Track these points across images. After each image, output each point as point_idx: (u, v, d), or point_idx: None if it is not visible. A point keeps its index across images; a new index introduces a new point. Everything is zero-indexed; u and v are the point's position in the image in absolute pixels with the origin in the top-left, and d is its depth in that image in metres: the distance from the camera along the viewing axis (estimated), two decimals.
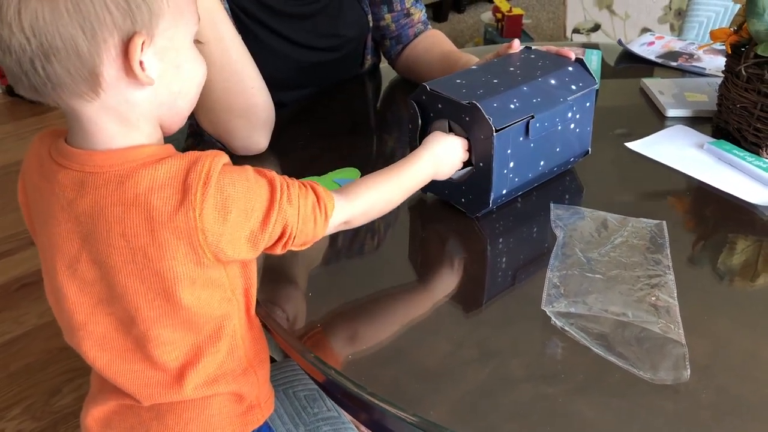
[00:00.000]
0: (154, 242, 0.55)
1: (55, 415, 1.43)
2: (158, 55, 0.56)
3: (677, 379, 0.58)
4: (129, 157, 0.56)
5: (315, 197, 0.63)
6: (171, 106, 0.59)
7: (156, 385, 0.63)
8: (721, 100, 0.99)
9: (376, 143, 1.06)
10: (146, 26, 0.54)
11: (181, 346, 0.62)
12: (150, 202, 0.54)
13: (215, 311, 0.62)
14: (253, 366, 0.68)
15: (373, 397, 0.59)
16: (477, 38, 3.24)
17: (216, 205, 0.55)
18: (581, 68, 0.86)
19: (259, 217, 0.58)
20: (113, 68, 0.54)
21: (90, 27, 0.51)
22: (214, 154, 0.56)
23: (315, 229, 0.63)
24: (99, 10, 0.51)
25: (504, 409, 0.57)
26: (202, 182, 0.54)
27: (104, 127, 0.56)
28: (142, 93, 0.56)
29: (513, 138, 0.77)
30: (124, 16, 0.52)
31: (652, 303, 0.66)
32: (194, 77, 0.60)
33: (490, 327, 0.67)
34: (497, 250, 0.79)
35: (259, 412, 0.69)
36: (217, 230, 0.56)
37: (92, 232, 0.57)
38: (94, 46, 0.52)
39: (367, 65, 1.21)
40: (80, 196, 0.57)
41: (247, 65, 0.91)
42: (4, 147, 2.48)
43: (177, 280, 0.57)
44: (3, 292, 1.76)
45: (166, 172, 0.55)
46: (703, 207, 0.86)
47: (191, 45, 0.60)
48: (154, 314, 0.59)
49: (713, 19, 1.52)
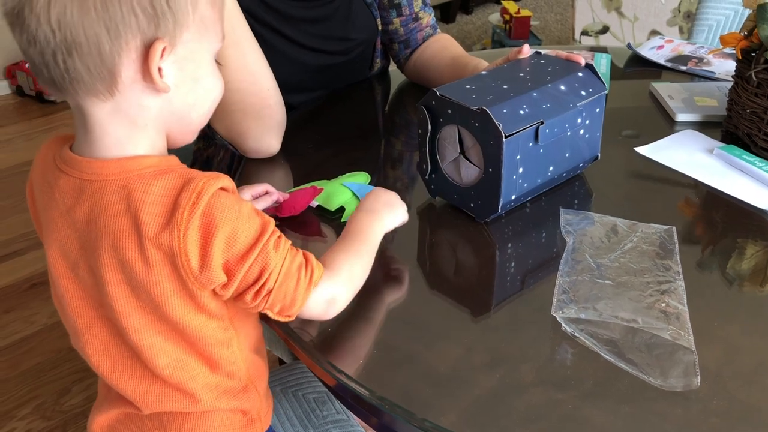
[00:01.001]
0: (141, 257, 0.55)
1: (65, 414, 1.44)
2: (178, 64, 0.57)
3: (687, 386, 0.59)
4: (127, 167, 0.56)
5: (304, 260, 0.60)
6: (183, 116, 0.59)
7: (156, 393, 0.63)
8: (731, 105, 0.99)
9: (384, 147, 1.06)
10: (169, 34, 0.55)
11: (178, 360, 0.61)
12: (139, 216, 0.54)
13: (210, 338, 0.61)
14: (253, 382, 0.67)
15: (383, 402, 0.59)
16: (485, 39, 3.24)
17: (201, 227, 0.54)
18: (591, 74, 0.86)
19: (239, 251, 0.56)
20: (131, 70, 0.54)
21: (115, 27, 0.52)
22: (211, 175, 0.55)
23: (296, 291, 0.59)
24: (126, 13, 0.52)
25: (514, 414, 0.57)
26: (191, 203, 0.54)
27: (111, 131, 0.56)
28: (156, 99, 0.57)
29: (522, 144, 0.78)
30: (149, 20, 0.53)
31: (662, 309, 0.66)
32: (210, 92, 0.61)
33: (500, 332, 0.67)
34: (506, 256, 0.79)
35: (258, 425, 0.69)
36: (199, 254, 0.55)
37: (87, 239, 0.57)
38: (116, 46, 0.53)
39: (376, 69, 1.22)
40: (78, 204, 0.57)
41: (262, 67, 0.92)
42: (14, 147, 2.50)
43: (164, 296, 0.57)
44: (14, 292, 1.78)
45: (161, 188, 0.55)
46: (713, 212, 0.86)
47: (212, 61, 0.60)
48: (144, 321, 0.59)
49: (723, 23, 1.51)
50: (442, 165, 0.83)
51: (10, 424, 1.42)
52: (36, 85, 2.74)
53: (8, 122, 2.68)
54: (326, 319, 0.64)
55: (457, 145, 0.80)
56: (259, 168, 0.95)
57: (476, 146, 0.78)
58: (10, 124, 2.67)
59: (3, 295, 1.77)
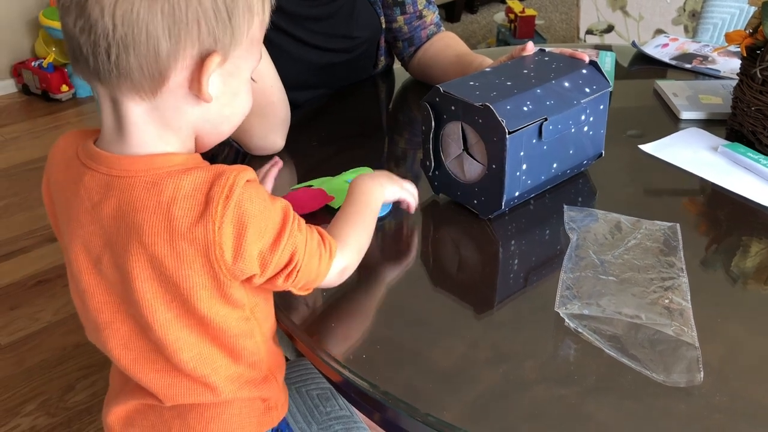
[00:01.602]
0: (172, 252, 0.56)
1: (70, 411, 1.44)
2: (223, 78, 0.58)
3: (690, 382, 0.59)
4: (157, 163, 0.57)
5: (320, 236, 0.64)
6: (216, 126, 0.61)
7: (178, 386, 0.64)
8: (736, 103, 0.99)
9: (388, 144, 1.07)
10: (224, 48, 0.56)
11: (201, 353, 0.62)
12: (171, 212, 0.55)
13: (233, 329, 0.62)
14: (273, 372, 0.68)
15: (387, 397, 0.59)
16: (490, 39, 3.23)
17: (235, 220, 0.55)
18: (595, 71, 0.86)
19: (270, 239, 0.58)
20: (181, 76, 0.55)
21: (177, 33, 0.53)
22: (239, 168, 0.57)
23: (319, 267, 0.63)
24: (191, 21, 0.53)
25: (518, 410, 0.58)
26: (225, 196, 0.55)
27: (143, 129, 0.57)
28: (194, 107, 0.58)
29: (526, 140, 0.78)
30: (210, 32, 0.55)
31: (666, 306, 0.66)
32: (243, 108, 0.62)
33: (503, 328, 0.67)
34: (509, 252, 0.79)
35: (275, 413, 0.70)
36: (234, 245, 0.56)
37: (114, 235, 0.58)
38: (174, 51, 0.54)
39: (380, 66, 1.22)
40: (105, 200, 0.57)
41: (265, 65, 0.92)
42: (20, 145, 2.51)
43: (193, 290, 0.58)
44: (19, 289, 1.78)
45: (191, 182, 0.55)
46: (717, 210, 0.86)
47: (249, 79, 0.62)
48: (171, 315, 0.59)
49: (728, 21, 1.51)
50: (446, 162, 0.84)
51: (15, 420, 1.43)
52: (42, 83, 2.76)
53: (14, 120, 2.69)
54: (336, 285, 0.67)
55: (460, 141, 0.80)
56: (263, 165, 0.96)
57: (480, 143, 0.78)
58: (16, 122, 2.68)
59: (8, 292, 1.78)
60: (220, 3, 0.54)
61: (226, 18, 0.55)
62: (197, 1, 0.53)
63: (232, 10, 0.55)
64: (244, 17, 0.56)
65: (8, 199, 2.15)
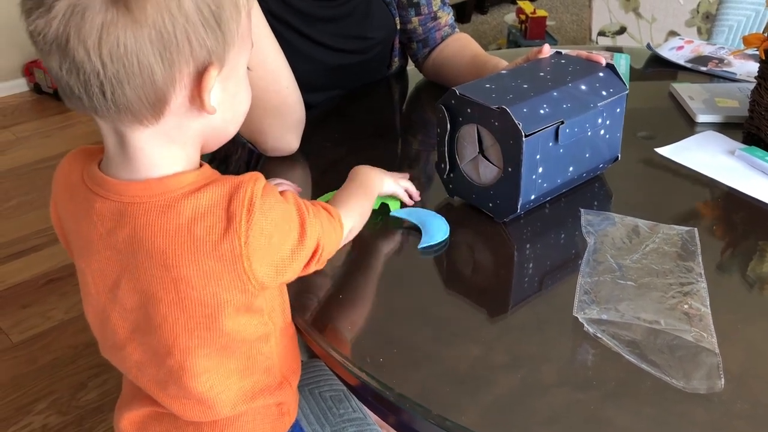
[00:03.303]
0: (198, 271, 0.55)
1: (81, 410, 1.45)
2: (221, 84, 0.56)
3: (711, 389, 0.58)
4: (169, 186, 0.55)
5: (326, 211, 0.65)
6: (221, 131, 0.59)
7: (194, 406, 0.63)
8: (753, 107, 0.98)
9: (402, 146, 1.06)
10: (219, 57, 0.53)
11: (217, 375, 0.62)
12: (193, 233, 0.54)
13: (251, 335, 0.62)
14: (287, 378, 0.68)
15: (403, 400, 0.59)
16: (500, 39, 3.23)
17: (261, 231, 0.55)
18: (612, 74, 0.86)
19: (296, 236, 0.59)
20: (181, 96, 0.53)
21: (169, 57, 0.51)
22: (254, 177, 0.56)
23: (336, 238, 0.65)
24: (181, 40, 0.51)
25: (536, 414, 0.57)
26: (246, 209, 0.54)
27: (149, 153, 0.55)
28: (197, 120, 0.56)
29: (542, 143, 0.77)
30: (202, 46, 0.52)
31: (685, 311, 0.65)
32: (244, 104, 0.61)
33: (520, 332, 0.67)
34: (525, 256, 0.79)
35: (288, 418, 0.70)
36: (262, 255, 0.56)
37: (132, 261, 0.57)
38: (169, 75, 0.51)
39: (394, 68, 1.22)
40: (119, 227, 0.56)
41: (281, 64, 0.92)
42: (31, 144, 2.52)
43: (221, 307, 0.57)
44: (31, 287, 1.79)
45: (209, 200, 0.54)
46: (734, 214, 0.85)
47: (245, 73, 0.59)
48: (193, 344, 0.59)
49: (743, 23, 1.50)
50: (461, 164, 0.83)
51: (27, 418, 1.43)
52: (53, 82, 2.77)
53: (26, 119, 2.70)
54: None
55: (476, 144, 0.80)
56: (277, 166, 0.96)
57: (495, 145, 0.78)
58: (28, 121, 2.69)
59: (20, 290, 1.79)
60: (206, 12, 0.51)
61: (215, 25, 0.52)
62: (183, 18, 0.50)
63: (220, 15, 0.52)
64: (233, 17, 0.54)
65: (20, 198, 2.16)
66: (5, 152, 2.45)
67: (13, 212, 2.10)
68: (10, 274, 1.84)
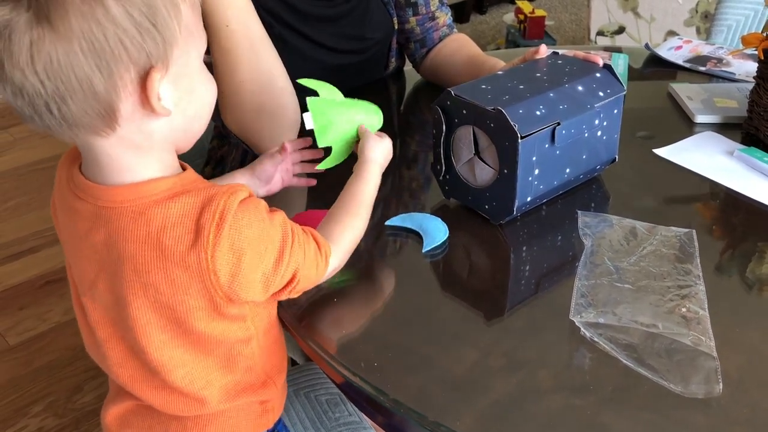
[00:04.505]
0: (166, 279, 0.55)
1: (77, 412, 1.44)
2: (173, 84, 0.54)
3: (709, 393, 0.58)
4: (142, 192, 0.55)
5: (315, 243, 0.62)
6: (186, 130, 0.58)
7: (174, 402, 0.64)
8: (752, 107, 0.97)
9: (399, 147, 1.06)
10: (161, 58, 0.52)
11: (195, 369, 0.62)
12: (162, 242, 0.54)
13: (229, 338, 0.62)
14: (272, 377, 0.68)
15: (398, 405, 0.59)
16: (499, 39, 3.22)
17: (230, 247, 0.54)
18: (609, 74, 0.85)
19: (271, 260, 0.57)
20: (130, 102, 0.53)
21: (106, 65, 0.50)
22: (230, 190, 0.55)
23: (317, 274, 0.62)
24: (114, 47, 0.49)
25: (532, 420, 0.57)
26: (216, 224, 0.53)
27: (119, 159, 0.55)
28: (158, 122, 0.55)
29: (538, 145, 0.77)
30: (140, 50, 0.51)
31: (683, 314, 0.65)
32: (207, 98, 0.59)
33: (516, 336, 0.66)
34: (521, 258, 0.78)
35: (272, 415, 0.70)
36: (230, 272, 0.55)
37: (107, 262, 0.57)
38: (110, 84, 0.51)
39: (392, 68, 1.21)
40: (95, 228, 0.57)
41: (276, 66, 0.91)
42: (30, 145, 2.52)
43: (190, 313, 0.57)
44: (28, 289, 1.79)
45: (179, 209, 0.54)
46: (732, 215, 0.85)
47: (202, 66, 0.58)
48: (165, 337, 0.59)
49: (742, 23, 1.49)
50: (457, 166, 0.83)
51: (23, 421, 1.43)
52: None
53: None
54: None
55: (472, 145, 0.80)
56: None
57: (491, 147, 0.78)
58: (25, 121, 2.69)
59: (17, 292, 1.78)
60: (137, 16, 0.50)
61: (150, 27, 0.51)
62: (113, 25, 0.49)
63: (154, 16, 0.51)
64: (170, 15, 0.52)
65: (18, 199, 2.16)
66: (3, 153, 2.44)
67: (12, 213, 2.09)
68: (7, 275, 1.83)
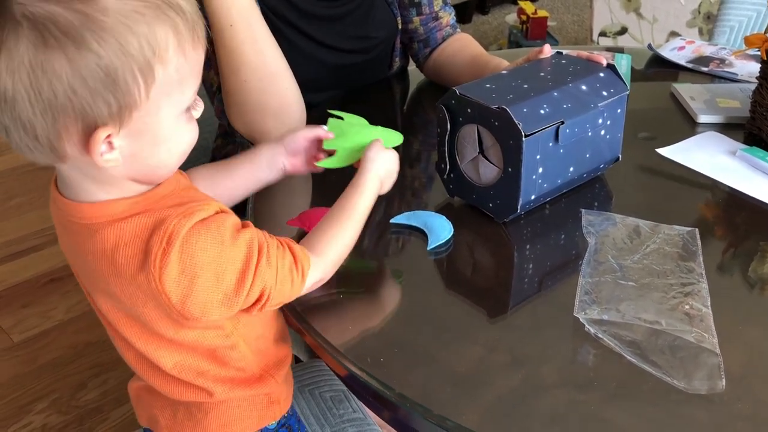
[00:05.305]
0: (124, 293, 0.57)
1: (81, 409, 1.45)
2: (130, 138, 0.53)
3: (712, 389, 0.58)
4: (99, 212, 0.56)
5: (292, 257, 0.60)
6: (148, 173, 0.56)
7: (175, 388, 0.65)
8: (755, 107, 0.98)
9: (402, 146, 1.06)
10: (113, 119, 0.51)
11: (180, 360, 0.63)
12: (115, 260, 0.55)
13: (210, 344, 0.63)
14: (269, 372, 0.69)
15: (404, 400, 0.59)
16: (501, 40, 3.22)
17: (182, 270, 0.54)
18: (613, 74, 0.85)
19: (232, 281, 0.56)
20: (76, 150, 0.52)
21: (51, 115, 0.49)
22: (186, 212, 0.54)
23: (291, 290, 0.61)
24: (62, 100, 0.49)
25: (537, 415, 0.57)
26: (162, 248, 0.53)
27: (79, 181, 0.56)
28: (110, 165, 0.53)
29: (542, 143, 0.77)
30: (89, 109, 0.49)
31: (686, 311, 0.65)
32: (178, 147, 0.57)
33: (520, 332, 0.67)
34: (525, 256, 0.79)
35: (278, 407, 0.70)
36: (182, 294, 0.55)
37: (82, 270, 0.61)
38: (53, 132, 0.50)
39: (395, 68, 1.21)
40: (65, 236, 0.60)
41: (281, 66, 0.92)
42: None
43: (153, 322, 0.59)
44: (31, 287, 1.79)
45: (132, 230, 0.54)
46: (735, 214, 0.85)
47: (179, 117, 0.55)
48: (143, 336, 0.61)
49: (745, 24, 1.50)
50: (461, 164, 0.83)
51: (27, 418, 1.43)
52: None
53: None
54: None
55: (476, 144, 0.80)
56: None
57: (496, 146, 0.78)
58: None
59: (21, 290, 1.79)
60: (91, 82, 0.48)
61: (103, 91, 0.49)
62: (63, 84, 0.48)
63: (113, 84, 0.49)
64: (135, 81, 0.50)
65: (20, 198, 2.16)
66: (5, 152, 2.45)
67: (14, 212, 2.10)
68: (10, 273, 1.84)
